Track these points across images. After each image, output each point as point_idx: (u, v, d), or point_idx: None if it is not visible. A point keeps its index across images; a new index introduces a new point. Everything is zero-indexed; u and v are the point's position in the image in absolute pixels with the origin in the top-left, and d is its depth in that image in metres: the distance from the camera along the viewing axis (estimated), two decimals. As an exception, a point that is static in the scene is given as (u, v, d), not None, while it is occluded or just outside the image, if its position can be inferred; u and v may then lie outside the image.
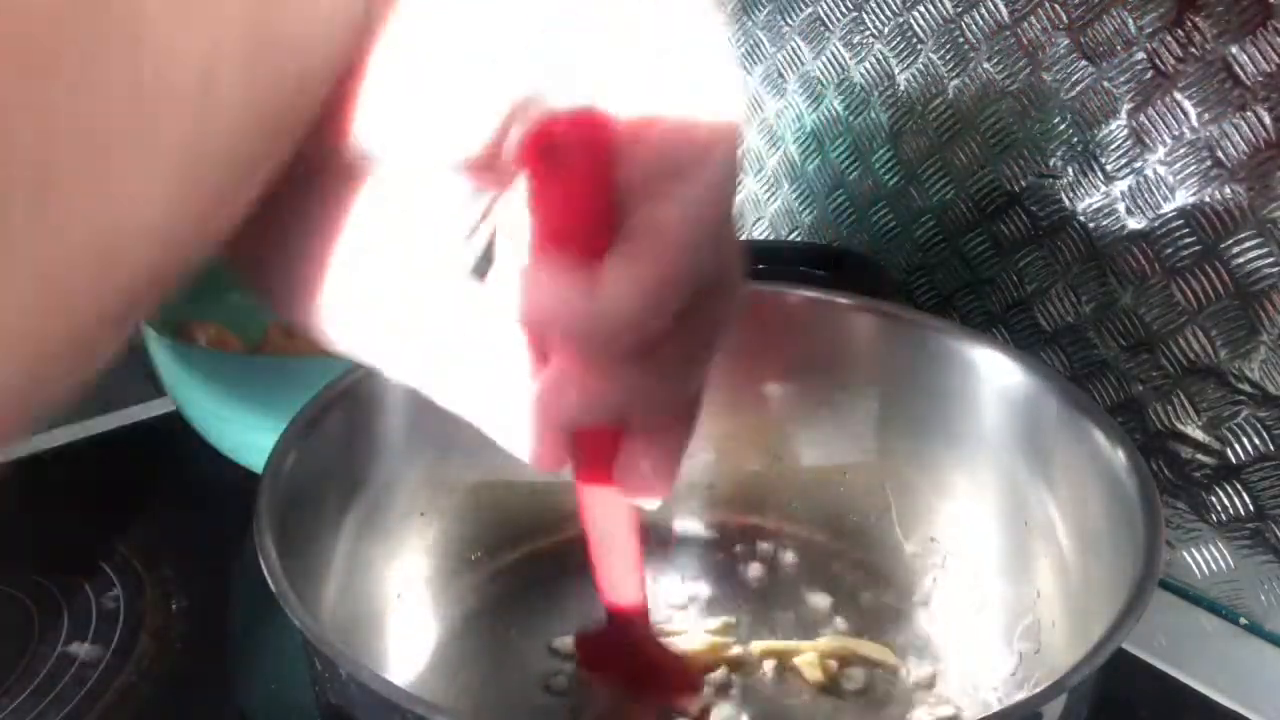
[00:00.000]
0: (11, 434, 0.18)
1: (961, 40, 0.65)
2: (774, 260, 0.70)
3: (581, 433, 0.29)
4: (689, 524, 0.62)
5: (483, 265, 0.28)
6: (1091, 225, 0.61)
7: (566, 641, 0.55)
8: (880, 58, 0.69)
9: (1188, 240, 0.57)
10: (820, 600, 0.57)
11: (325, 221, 0.25)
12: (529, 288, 0.24)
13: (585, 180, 0.24)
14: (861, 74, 0.71)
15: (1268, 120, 0.53)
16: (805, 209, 0.77)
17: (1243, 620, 0.59)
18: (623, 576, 0.36)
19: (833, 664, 0.52)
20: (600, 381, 0.26)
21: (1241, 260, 0.55)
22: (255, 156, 0.20)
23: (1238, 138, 0.54)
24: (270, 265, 0.26)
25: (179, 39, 0.17)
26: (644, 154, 0.24)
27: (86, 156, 0.16)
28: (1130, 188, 0.59)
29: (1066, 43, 0.60)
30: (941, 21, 0.65)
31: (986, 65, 0.64)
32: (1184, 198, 0.57)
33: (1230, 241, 0.55)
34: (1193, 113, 0.55)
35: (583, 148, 0.24)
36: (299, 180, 0.23)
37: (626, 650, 0.38)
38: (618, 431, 0.29)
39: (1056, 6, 0.60)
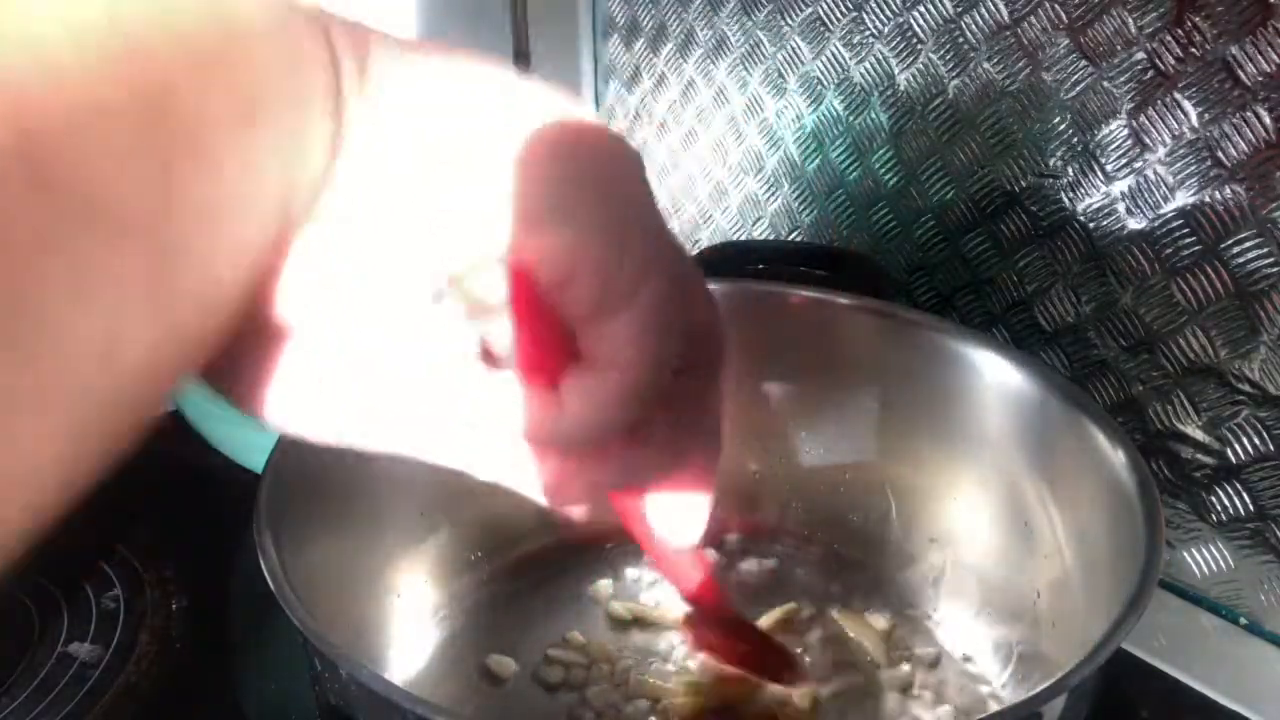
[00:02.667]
0: None
1: (961, 40, 0.65)
2: (774, 260, 0.70)
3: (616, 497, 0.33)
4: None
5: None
6: (1091, 225, 0.61)
7: (571, 637, 0.55)
8: (880, 58, 0.69)
9: (1188, 240, 0.57)
10: (819, 600, 0.57)
11: (270, 341, 0.26)
12: (503, 405, 0.27)
13: (524, 321, 0.27)
14: (861, 74, 0.71)
15: (1268, 120, 0.53)
16: (805, 209, 0.77)
17: (1243, 620, 0.59)
18: (686, 570, 0.39)
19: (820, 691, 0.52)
20: (596, 467, 0.29)
21: (1241, 260, 0.55)
22: (160, 381, 0.22)
23: (1238, 138, 0.54)
24: (223, 373, 0.26)
25: (80, 324, 0.18)
26: (576, 290, 0.26)
27: None
28: (1130, 188, 0.59)
29: (1066, 43, 0.60)
30: (941, 21, 0.65)
31: (986, 65, 0.64)
32: (1184, 198, 0.57)
33: (1230, 241, 0.55)
34: (1193, 113, 0.55)
35: (516, 298, 0.26)
36: (240, 340, 0.25)
37: (727, 632, 0.42)
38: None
39: (1056, 6, 0.60)
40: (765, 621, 0.55)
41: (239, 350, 0.25)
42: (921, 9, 0.66)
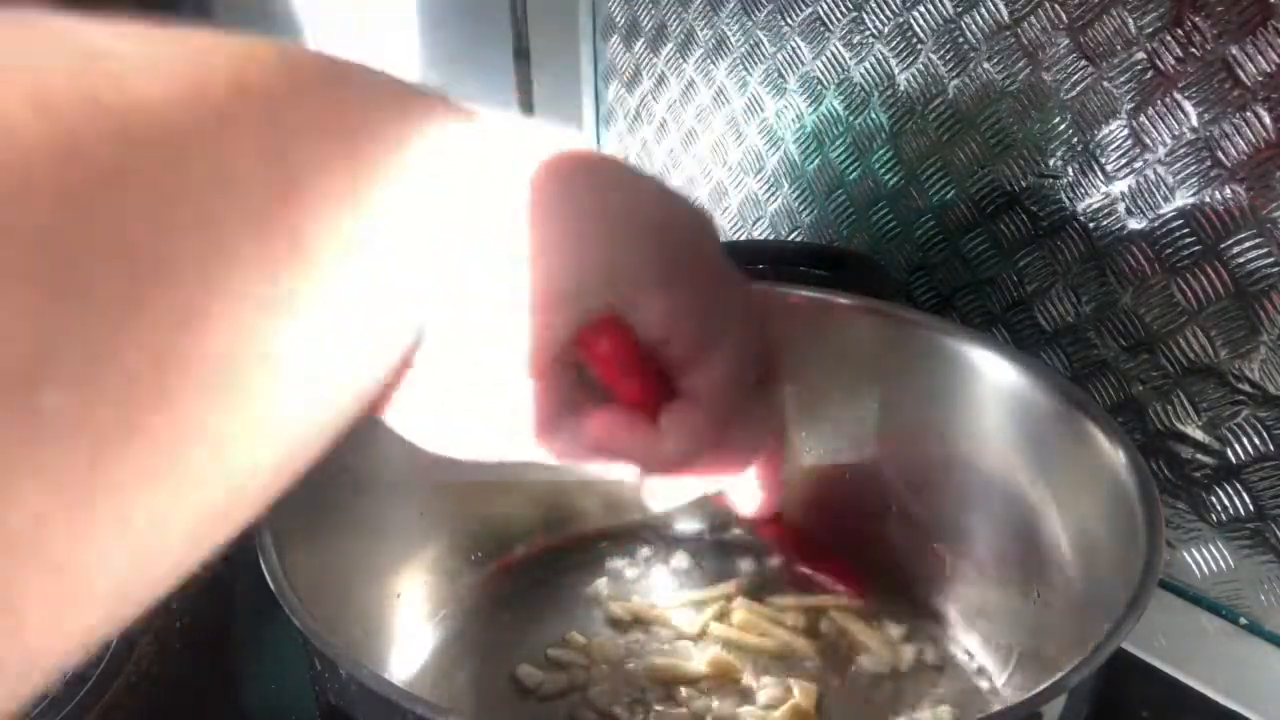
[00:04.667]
0: None
1: (961, 40, 0.65)
2: (774, 260, 0.70)
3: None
4: (689, 523, 0.62)
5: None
6: (1091, 225, 0.61)
7: (571, 637, 0.55)
8: (880, 58, 0.69)
9: (1188, 240, 0.57)
10: (818, 600, 0.57)
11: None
12: (612, 432, 0.33)
13: (622, 372, 0.32)
14: (861, 74, 0.71)
15: (1268, 120, 0.53)
16: (805, 209, 0.77)
17: (1243, 620, 0.59)
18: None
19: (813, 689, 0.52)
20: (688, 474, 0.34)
21: (1241, 260, 0.55)
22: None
23: (1238, 138, 0.54)
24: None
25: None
26: (678, 342, 0.31)
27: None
28: (1130, 188, 0.59)
29: (1066, 43, 0.60)
30: (941, 21, 0.65)
31: (986, 65, 0.64)
32: (1184, 198, 0.57)
33: (1230, 241, 0.55)
34: (1193, 113, 0.55)
35: (613, 354, 0.31)
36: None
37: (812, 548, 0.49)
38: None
39: (1056, 6, 0.60)
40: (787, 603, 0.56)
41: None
42: (921, 9, 0.66)
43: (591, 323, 0.30)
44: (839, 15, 0.71)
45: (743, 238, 0.82)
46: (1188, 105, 0.55)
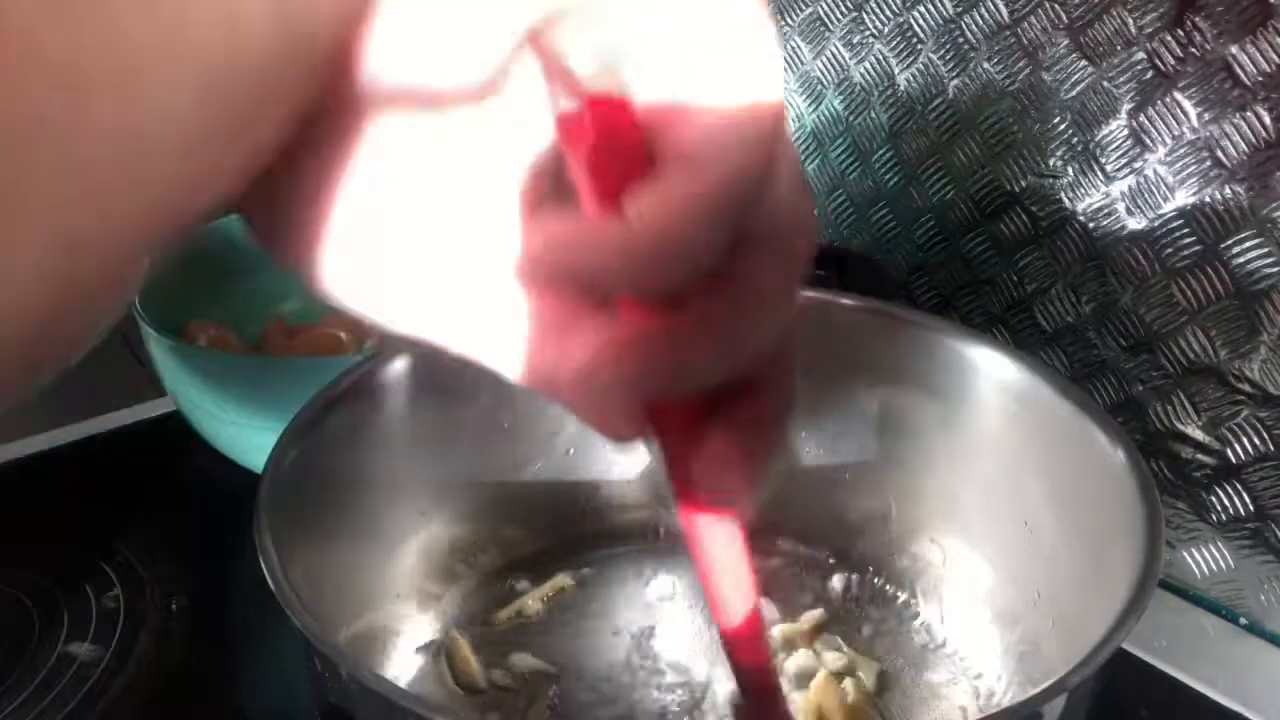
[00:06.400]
0: (33, 368, 0.19)
1: (961, 40, 0.65)
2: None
3: (663, 422, 0.26)
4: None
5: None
6: (1091, 225, 0.61)
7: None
8: (880, 58, 0.69)
9: (1188, 240, 0.57)
10: (819, 600, 0.57)
11: (339, 174, 0.23)
12: (568, 235, 0.23)
13: (612, 153, 0.23)
14: (861, 74, 0.71)
15: (1268, 120, 0.53)
16: (805, 209, 0.77)
17: (1243, 620, 0.59)
18: (733, 580, 0.32)
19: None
20: (645, 343, 0.24)
21: (1241, 260, 0.55)
22: (281, 86, 0.20)
23: (1238, 138, 0.54)
24: (282, 219, 0.24)
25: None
26: (675, 133, 0.22)
27: (115, 70, 0.17)
28: (1130, 188, 0.59)
29: (1066, 43, 0.60)
30: (941, 21, 0.65)
31: (986, 65, 0.64)
32: (1184, 198, 0.57)
33: (1230, 241, 0.55)
34: (1193, 113, 0.55)
35: (608, 132, 0.23)
36: (315, 133, 0.23)
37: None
38: (701, 427, 0.26)
39: (1056, 6, 0.60)
40: (793, 628, 0.55)
41: (302, 193, 0.23)
42: (921, 9, 0.66)
43: (582, 104, 0.23)
44: (839, 15, 0.71)
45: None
46: (1188, 105, 0.55)
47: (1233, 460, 0.58)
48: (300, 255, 0.25)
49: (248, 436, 0.63)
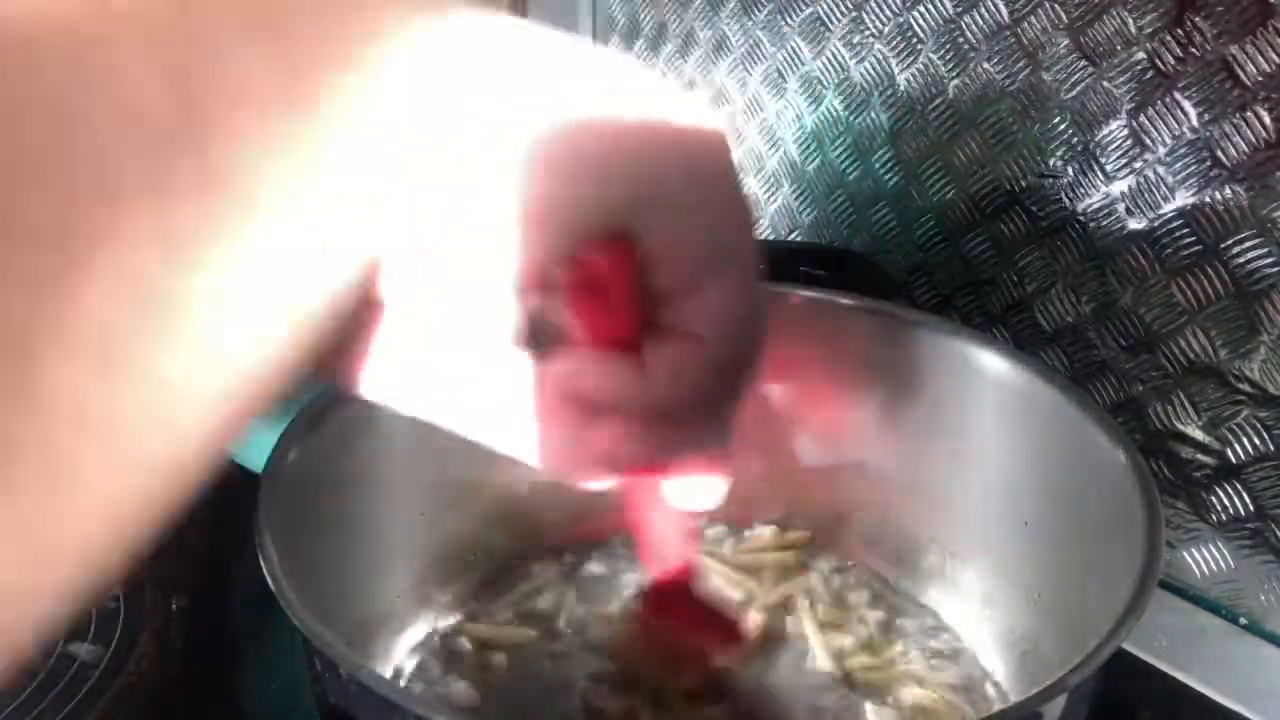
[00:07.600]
0: None
1: (961, 40, 0.65)
2: (774, 260, 0.70)
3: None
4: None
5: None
6: (1091, 225, 0.61)
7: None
8: (880, 58, 0.69)
9: (1188, 240, 0.57)
10: (818, 600, 0.57)
11: (374, 319, 0.27)
12: (588, 369, 0.28)
13: (619, 298, 0.28)
14: (861, 74, 0.71)
15: (1268, 120, 0.53)
16: (805, 209, 0.77)
17: (1243, 620, 0.59)
18: (671, 545, 0.37)
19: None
20: (647, 433, 0.29)
21: (1241, 260, 0.55)
22: (288, 364, 0.23)
23: (1238, 138, 0.54)
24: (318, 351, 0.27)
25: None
26: (672, 266, 0.27)
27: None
28: (1130, 188, 0.59)
29: (1066, 43, 0.60)
30: (941, 21, 0.65)
31: (986, 65, 0.64)
32: (1184, 198, 0.57)
33: (1230, 241, 0.55)
34: (1193, 113, 0.55)
35: (614, 276, 0.27)
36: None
37: (684, 602, 0.40)
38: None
39: (1056, 6, 0.60)
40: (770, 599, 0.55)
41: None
42: (921, 9, 0.66)
43: (590, 238, 0.27)
44: (839, 15, 0.71)
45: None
46: (1188, 105, 0.55)
47: (1233, 460, 0.58)
48: (337, 372, 0.28)
49: (248, 436, 0.63)
